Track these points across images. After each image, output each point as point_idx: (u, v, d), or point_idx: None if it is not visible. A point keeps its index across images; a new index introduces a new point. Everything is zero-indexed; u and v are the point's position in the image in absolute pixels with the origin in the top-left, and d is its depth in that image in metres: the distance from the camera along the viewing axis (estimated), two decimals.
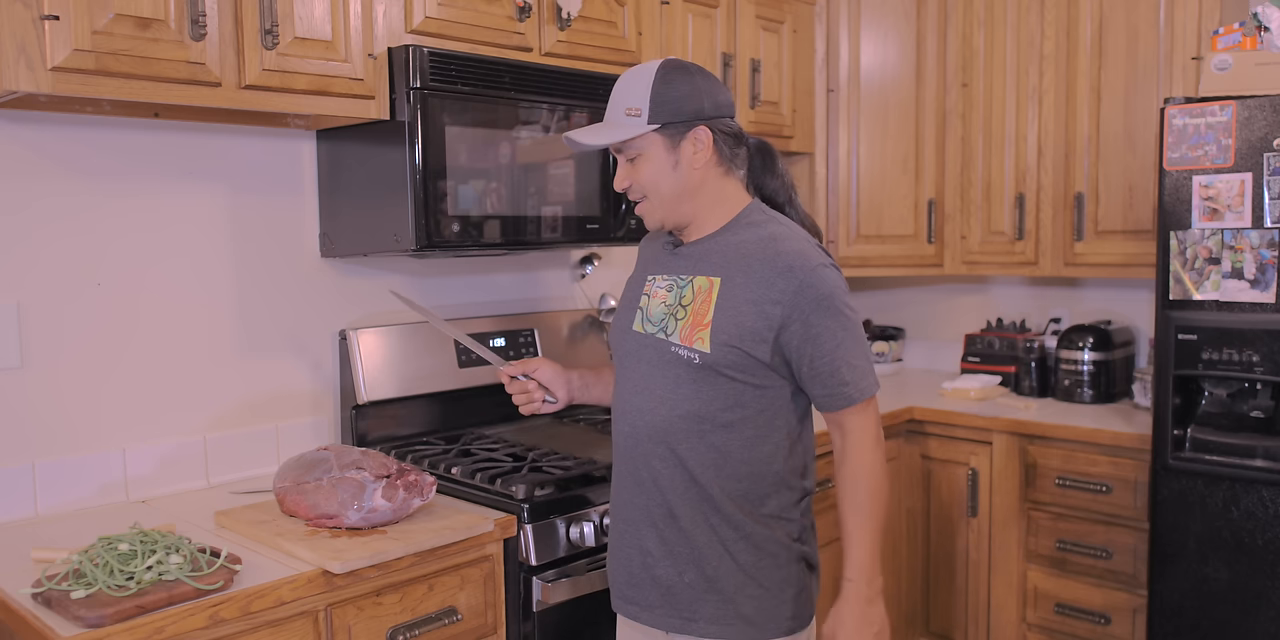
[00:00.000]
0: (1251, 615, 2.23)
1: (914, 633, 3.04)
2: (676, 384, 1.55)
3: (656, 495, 1.58)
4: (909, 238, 3.19)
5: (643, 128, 1.52)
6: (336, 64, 1.84)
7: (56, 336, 1.86)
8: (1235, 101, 2.24)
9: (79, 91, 1.54)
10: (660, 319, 1.59)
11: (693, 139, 1.54)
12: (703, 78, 1.56)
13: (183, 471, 2.02)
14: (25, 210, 1.81)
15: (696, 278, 1.57)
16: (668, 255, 1.65)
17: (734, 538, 1.55)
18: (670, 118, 1.52)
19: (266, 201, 2.13)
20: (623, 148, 1.56)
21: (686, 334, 1.55)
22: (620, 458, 1.65)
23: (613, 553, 1.67)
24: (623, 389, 1.65)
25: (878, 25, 3.14)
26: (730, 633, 1.56)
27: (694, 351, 1.53)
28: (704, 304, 1.54)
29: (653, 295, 1.63)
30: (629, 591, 1.63)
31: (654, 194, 1.57)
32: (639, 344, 1.62)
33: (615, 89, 1.58)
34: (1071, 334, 2.96)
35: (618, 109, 1.56)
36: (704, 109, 1.54)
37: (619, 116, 1.55)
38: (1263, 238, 2.21)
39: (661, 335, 1.58)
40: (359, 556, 1.56)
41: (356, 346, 2.18)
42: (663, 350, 1.57)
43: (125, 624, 1.32)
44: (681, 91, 1.53)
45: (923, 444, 2.96)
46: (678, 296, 1.59)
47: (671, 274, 1.62)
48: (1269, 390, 2.31)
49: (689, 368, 1.54)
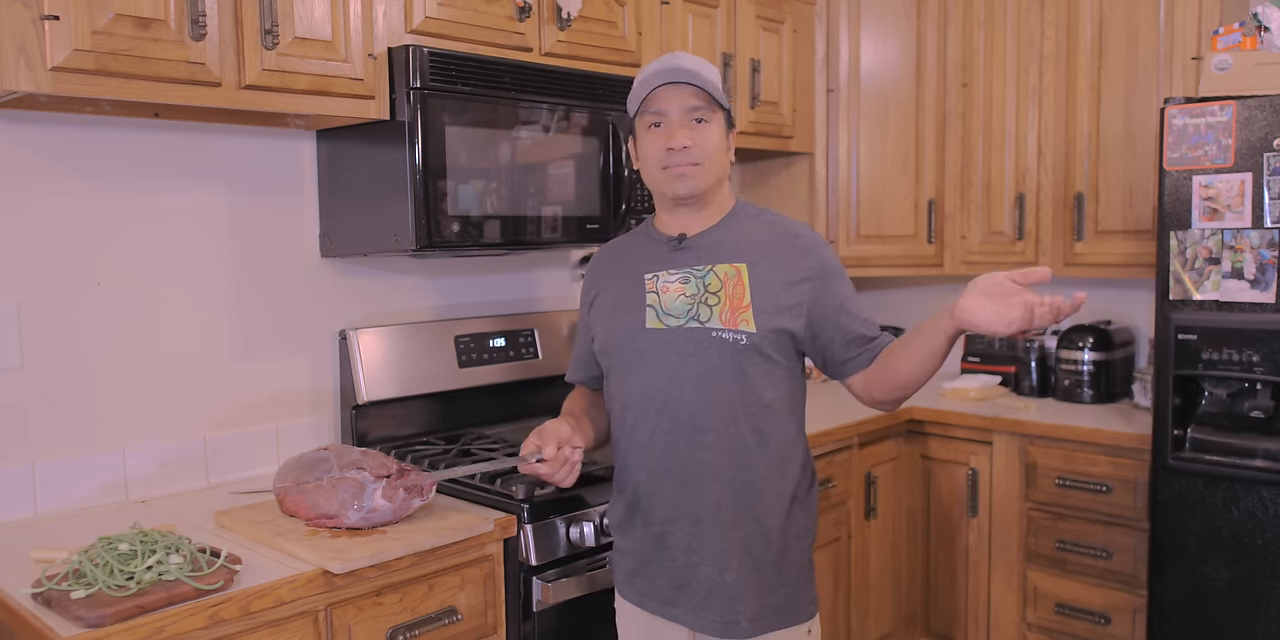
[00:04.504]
0: (1251, 615, 2.23)
1: (914, 633, 3.04)
2: (720, 368, 1.57)
3: (703, 488, 1.58)
4: (909, 238, 3.19)
5: (726, 102, 1.62)
6: (336, 64, 1.84)
7: (56, 336, 1.86)
8: (1235, 101, 2.24)
9: (79, 91, 1.54)
10: (685, 310, 1.60)
11: (732, 135, 1.67)
12: None
13: (183, 471, 2.02)
14: (25, 210, 1.81)
15: (717, 266, 1.61)
16: (667, 252, 1.66)
17: (774, 526, 1.59)
18: (728, 107, 1.65)
19: (266, 201, 2.13)
20: (701, 108, 1.59)
21: (728, 318, 1.58)
22: (658, 457, 1.62)
23: (649, 557, 1.65)
24: (642, 391, 1.63)
25: (878, 25, 3.14)
26: (768, 626, 1.59)
27: (739, 333, 1.57)
28: (737, 288, 1.58)
29: (663, 291, 1.63)
30: (671, 595, 1.62)
31: (708, 162, 1.61)
32: (660, 339, 1.61)
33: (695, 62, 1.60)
34: (1071, 334, 2.96)
35: (711, 75, 1.59)
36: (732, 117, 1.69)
37: (715, 82, 1.60)
38: (1263, 238, 2.21)
39: (694, 324, 1.59)
40: (359, 556, 1.56)
41: (356, 346, 2.18)
42: (700, 338, 1.58)
43: (125, 624, 1.32)
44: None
45: (923, 444, 2.96)
46: (700, 286, 1.60)
47: (681, 267, 1.63)
48: (1269, 390, 2.31)
49: (733, 350, 1.57)
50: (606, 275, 1.75)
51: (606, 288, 1.73)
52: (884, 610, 2.92)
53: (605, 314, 1.71)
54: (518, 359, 2.46)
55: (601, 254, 1.82)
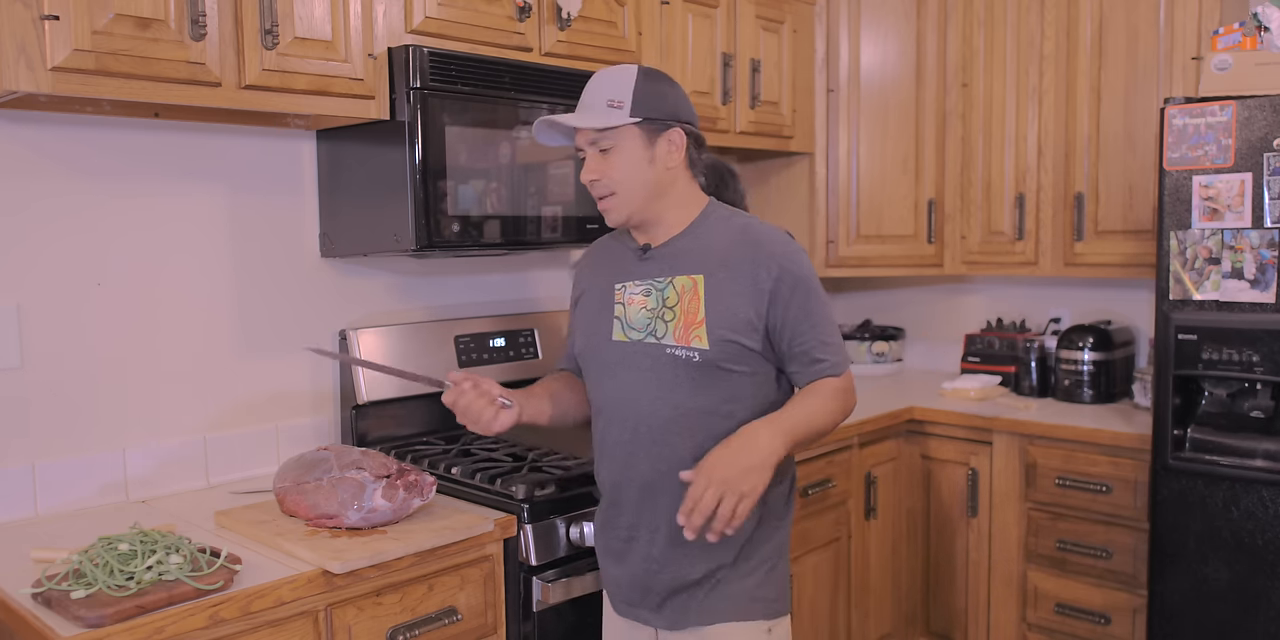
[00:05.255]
0: (1251, 615, 2.23)
1: (914, 633, 3.04)
2: (675, 384, 1.56)
3: (663, 498, 1.58)
4: (909, 238, 3.19)
5: (624, 119, 1.53)
6: (336, 64, 1.84)
7: (56, 336, 1.86)
8: (1235, 101, 2.24)
9: (79, 91, 1.54)
10: (645, 324, 1.59)
11: (668, 138, 1.57)
12: (677, 87, 1.61)
13: (183, 471, 2.02)
14: (25, 210, 1.81)
15: (676, 278, 1.58)
16: (635, 262, 1.65)
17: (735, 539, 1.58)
18: (651, 113, 1.54)
19: (266, 201, 2.13)
20: (598, 139, 1.55)
21: (681, 334, 1.56)
22: (621, 466, 1.64)
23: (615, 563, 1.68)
24: (610, 399, 1.64)
25: (878, 25, 3.14)
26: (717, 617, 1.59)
27: (692, 350, 1.54)
28: (692, 302, 1.55)
29: (628, 302, 1.62)
30: (634, 596, 1.65)
31: (624, 189, 1.56)
32: (624, 352, 1.61)
33: (593, 82, 1.58)
34: (1071, 334, 2.96)
35: (598, 99, 1.55)
36: (680, 111, 1.58)
37: (599, 106, 1.54)
38: (1263, 238, 2.21)
39: (651, 339, 1.58)
40: (359, 556, 1.56)
41: (356, 346, 2.18)
42: (656, 354, 1.57)
43: (125, 624, 1.32)
44: (662, 91, 1.57)
45: (923, 444, 2.96)
46: (659, 299, 1.59)
47: (645, 279, 1.62)
48: (1269, 390, 2.31)
49: (688, 367, 1.55)
50: (590, 276, 1.75)
51: (589, 289, 1.73)
52: (884, 610, 2.92)
53: (584, 319, 1.72)
54: (518, 359, 2.46)
55: (590, 252, 1.81)
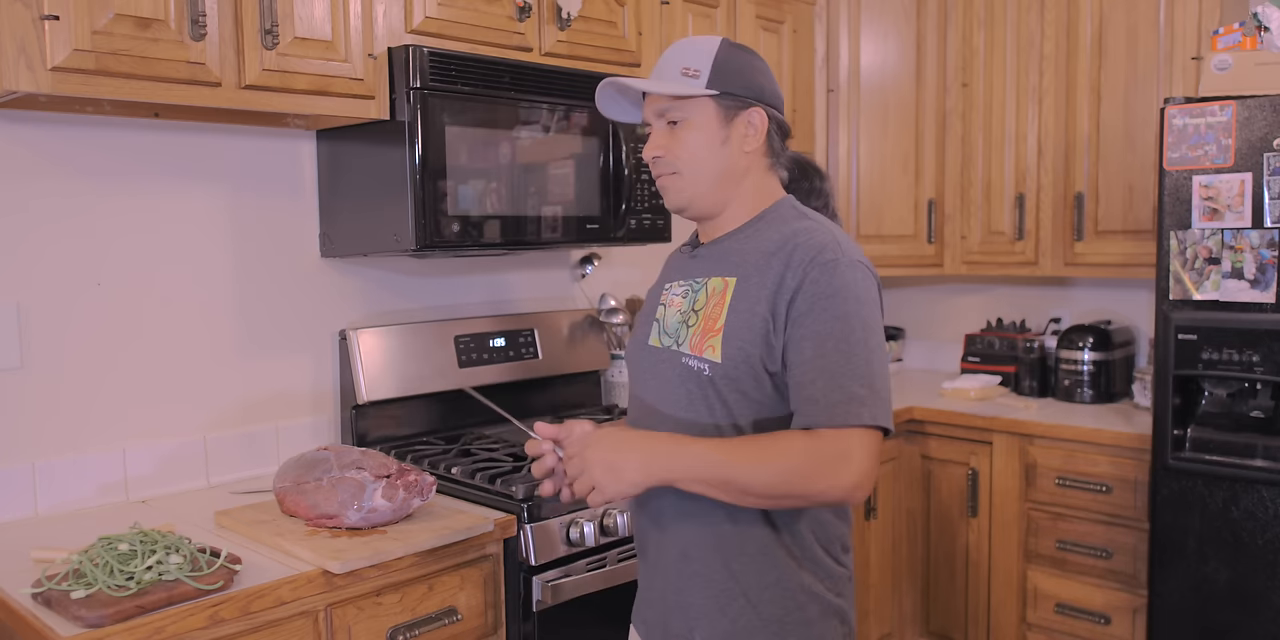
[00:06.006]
0: (1251, 615, 2.23)
1: (914, 632, 3.04)
2: (689, 402, 1.36)
3: (672, 532, 1.39)
4: (909, 238, 3.19)
5: (700, 89, 1.33)
6: (336, 64, 1.84)
7: (56, 336, 1.86)
8: (1235, 101, 2.24)
9: (79, 91, 1.54)
10: (675, 329, 1.41)
11: (746, 119, 1.36)
12: (764, 64, 1.41)
13: (183, 471, 2.02)
14: (25, 210, 1.81)
15: (711, 279, 1.39)
16: (686, 260, 1.47)
17: (757, 585, 1.33)
18: (730, 87, 1.34)
19: (266, 201, 2.13)
20: (668, 109, 1.36)
21: (696, 342, 1.35)
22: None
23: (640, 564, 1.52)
24: (637, 409, 1.48)
25: (877, 25, 3.14)
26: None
27: (704, 362, 1.33)
28: (716, 307, 1.35)
29: (669, 304, 1.45)
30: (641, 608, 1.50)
31: (690, 169, 1.37)
32: (654, 359, 1.43)
33: (670, 49, 1.38)
34: (1071, 334, 2.96)
35: (672, 66, 1.35)
36: (765, 90, 1.38)
37: (673, 73, 1.35)
38: (1263, 238, 2.21)
39: (675, 346, 1.39)
40: (359, 556, 1.56)
41: (356, 346, 2.18)
42: (675, 363, 1.38)
43: (125, 624, 1.32)
44: (746, 63, 1.37)
45: (923, 444, 2.96)
46: (691, 302, 1.40)
47: (688, 278, 1.44)
48: (1269, 390, 2.31)
49: (699, 382, 1.34)
50: (660, 275, 1.57)
51: (651, 290, 1.55)
52: (884, 610, 2.92)
53: (638, 318, 1.56)
54: (518, 359, 2.46)
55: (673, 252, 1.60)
